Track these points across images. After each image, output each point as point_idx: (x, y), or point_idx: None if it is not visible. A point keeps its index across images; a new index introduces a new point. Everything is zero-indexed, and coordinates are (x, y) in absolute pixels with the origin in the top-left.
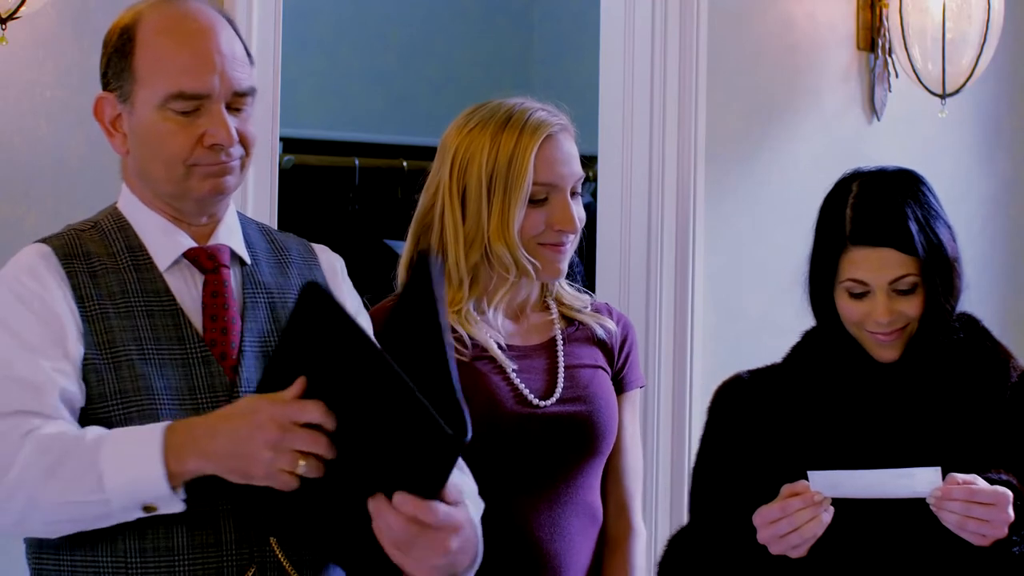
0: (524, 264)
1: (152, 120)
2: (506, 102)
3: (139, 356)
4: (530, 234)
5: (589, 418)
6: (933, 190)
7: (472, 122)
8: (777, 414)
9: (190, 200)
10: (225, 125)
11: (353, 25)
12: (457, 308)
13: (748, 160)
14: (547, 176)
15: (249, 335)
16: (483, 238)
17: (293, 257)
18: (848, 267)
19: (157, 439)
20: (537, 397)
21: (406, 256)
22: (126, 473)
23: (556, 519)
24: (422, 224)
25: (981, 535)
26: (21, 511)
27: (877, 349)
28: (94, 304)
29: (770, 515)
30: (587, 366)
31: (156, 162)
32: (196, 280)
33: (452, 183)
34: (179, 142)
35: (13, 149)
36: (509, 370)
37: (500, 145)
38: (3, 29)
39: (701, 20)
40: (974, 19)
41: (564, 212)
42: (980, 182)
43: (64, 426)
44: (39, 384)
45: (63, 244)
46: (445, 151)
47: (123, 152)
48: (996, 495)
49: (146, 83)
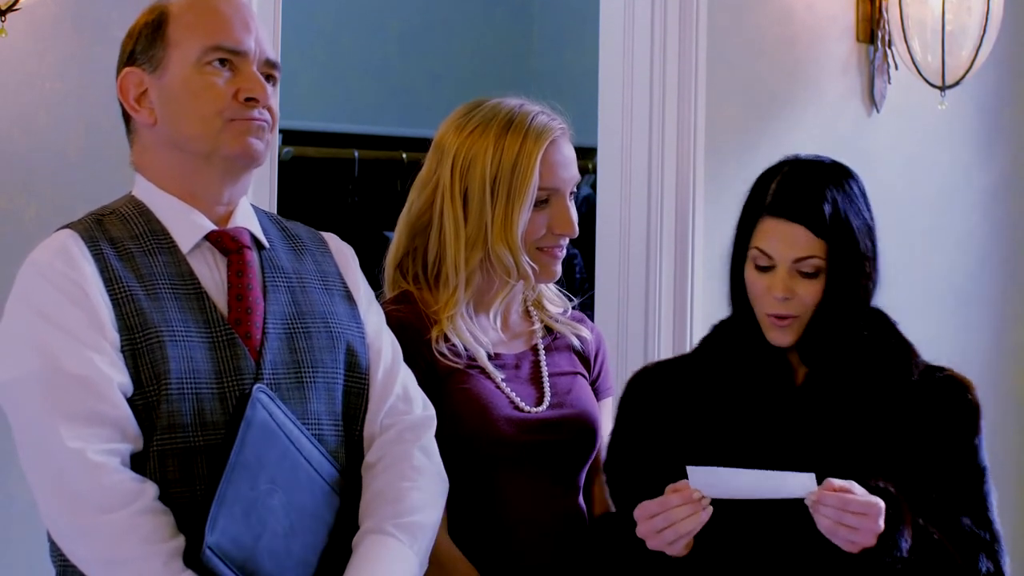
0: (524, 267)
1: (188, 75)
2: (504, 103)
3: (169, 338)
4: (531, 238)
5: (579, 422)
6: (863, 187)
7: (472, 123)
8: (678, 404)
9: (219, 161)
10: (259, 81)
11: (352, 17)
12: (450, 313)
13: (748, 152)
14: (550, 180)
15: (272, 317)
16: (485, 240)
17: (306, 244)
18: (759, 236)
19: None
20: (528, 404)
21: (398, 252)
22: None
23: (555, 521)
24: (417, 223)
25: (851, 542)
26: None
27: (771, 332)
28: (123, 287)
29: (649, 510)
30: (568, 373)
31: (191, 118)
32: (218, 263)
33: (453, 184)
34: (215, 94)
35: (12, 141)
36: (498, 379)
37: (504, 148)
38: (3, 21)
39: (701, 12)
40: (973, 11)
41: (564, 216)
42: (979, 174)
43: None
44: (96, 381)
45: (87, 228)
46: (443, 151)
47: (150, 123)
48: (868, 505)
49: (181, 44)
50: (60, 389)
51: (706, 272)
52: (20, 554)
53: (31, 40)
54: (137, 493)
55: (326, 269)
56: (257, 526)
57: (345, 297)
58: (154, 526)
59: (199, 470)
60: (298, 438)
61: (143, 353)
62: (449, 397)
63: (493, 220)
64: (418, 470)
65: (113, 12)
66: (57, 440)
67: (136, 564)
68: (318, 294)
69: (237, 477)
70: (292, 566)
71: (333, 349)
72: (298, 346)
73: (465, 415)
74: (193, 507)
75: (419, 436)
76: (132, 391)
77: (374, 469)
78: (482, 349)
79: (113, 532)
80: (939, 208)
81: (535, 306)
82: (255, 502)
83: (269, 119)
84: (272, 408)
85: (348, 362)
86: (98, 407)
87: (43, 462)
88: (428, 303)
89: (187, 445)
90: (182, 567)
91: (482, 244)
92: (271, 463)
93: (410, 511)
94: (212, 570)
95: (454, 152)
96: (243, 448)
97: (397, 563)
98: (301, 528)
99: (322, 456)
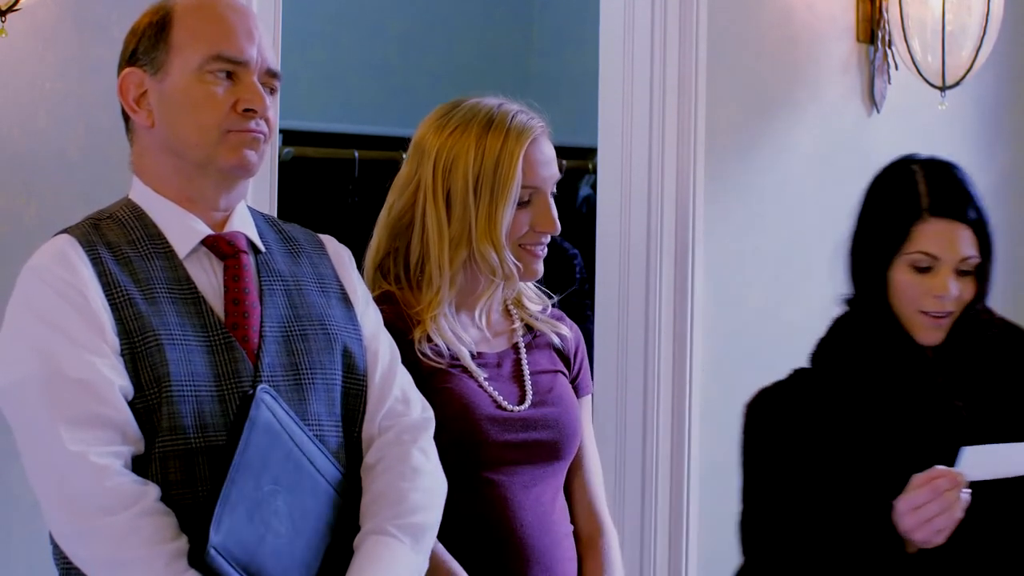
0: (509, 266)
1: (188, 83)
2: (483, 102)
3: (168, 341)
4: (515, 236)
5: (560, 420)
6: None
7: (452, 123)
8: (827, 416)
9: (215, 172)
10: (259, 92)
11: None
12: (434, 313)
13: (748, 151)
14: (532, 179)
15: (268, 320)
16: (470, 239)
17: (303, 246)
18: (921, 239)
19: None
20: (510, 403)
21: (378, 253)
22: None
23: (542, 518)
24: (398, 224)
25: None
26: None
27: (924, 331)
28: (121, 291)
29: (917, 500)
30: (548, 371)
31: (189, 127)
32: (215, 267)
33: (436, 184)
34: (215, 104)
35: (13, 141)
36: (481, 378)
37: (486, 147)
38: (3, 21)
39: (701, 11)
40: (974, 11)
41: (546, 214)
42: (979, 174)
43: None
44: (97, 384)
45: (84, 233)
46: (424, 152)
47: (147, 125)
48: None
49: (183, 50)
50: (61, 393)
51: (706, 272)
52: (21, 555)
53: (31, 40)
54: (139, 495)
55: (323, 271)
56: (261, 527)
57: (342, 299)
58: (156, 527)
59: (201, 471)
60: (301, 439)
61: (142, 356)
62: (432, 397)
63: (477, 219)
64: (417, 471)
65: (113, 12)
66: (59, 444)
67: (139, 565)
68: (315, 296)
69: (241, 477)
70: (295, 567)
71: (331, 351)
72: (295, 348)
73: (448, 415)
74: (195, 508)
75: (417, 437)
76: (133, 394)
77: (373, 471)
78: (465, 348)
79: (115, 534)
80: None
81: (515, 304)
82: (259, 503)
83: (266, 130)
84: (276, 409)
85: (346, 364)
86: (99, 410)
87: (45, 465)
88: (410, 303)
89: (189, 447)
90: (184, 568)
91: (466, 243)
92: (275, 464)
93: (411, 512)
94: (217, 570)
95: (435, 152)
96: (247, 448)
97: (399, 564)
98: (304, 529)
99: (324, 457)
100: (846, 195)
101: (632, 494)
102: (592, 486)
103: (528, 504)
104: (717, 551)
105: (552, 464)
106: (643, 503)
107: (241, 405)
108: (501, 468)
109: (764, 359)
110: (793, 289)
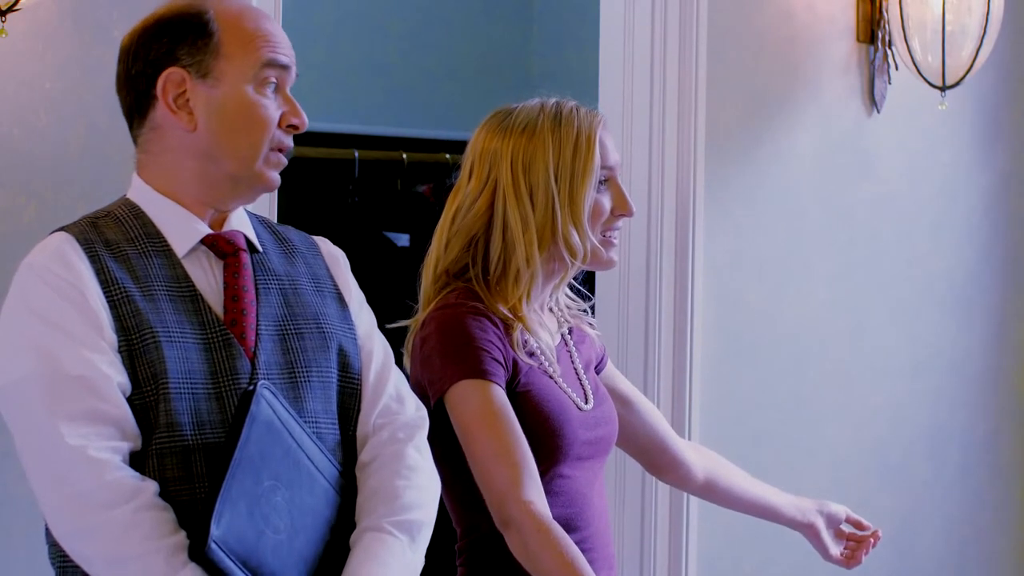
0: (593, 244)
1: (244, 95)
2: (541, 101)
3: (166, 339)
4: (597, 220)
5: (611, 415)
6: None
7: (517, 125)
8: None
9: (246, 185)
10: (300, 109)
11: (352, 17)
12: (524, 312)
13: (748, 152)
14: (607, 160)
15: (264, 319)
16: (555, 226)
17: (297, 247)
18: None
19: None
20: (581, 401)
21: (449, 257)
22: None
23: (601, 511)
24: (471, 233)
25: None
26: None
27: None
28: (119, 288)
29: None
30: (588, 366)
31: (241, 141)
32: (213, 266)
33: (517, 183)
34: (268, 119)
35: (13, 140)
36: (557, 376)
37: (562, 138)
38: (3, 21)
39: (701, 12)
40: (974, 11)
41: (622, 196)
42: (979, 174)
43: None
44: (96, 381)
45: (82, 231)
46: (496, 156)
47: (187, 129)
48: None
49: (235, 58)
50: (60, 389)
51: (706, 272)
52: (21, 555)
53: (31, 40)
54: (138, 490)
55: (318, 272)
56: (260, 522)
57: (337, 299)
58: (156, 522)
59: (197, 468)
60: (300, 436)
61: (140, 354)
62: (522, 392)
63: (560, 204)
64: (413, 469)
65: (113, 12)
66: (58, 439)
67: (138, 560)
68: (310, 296)
69: (241, 473)
70: (293, 563)
71: (326, 349)
72: (291, 347)
73: (544, 415)
74: (193, 505)
75: (412, 435)
76: (131, 391)
77: (368, 468)
78: (545, 345)
79: (115, 529)
80: (939, 208)
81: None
82: (259, 498)
83: (292, 145)
84: (275, 405)
85: (341, 362)
86: (98, 406)
87: (44, 462)
88: (492, 304)
89: (185, 444)
90: (184, 562)
91: (551, 231)
92: (274, 460)
93: (406, 509)
94: (217, 564)
95: (510, 153)
96: (247, 444)
97: (395, 560)
98: (303, 525)
99: (323, 454)
100: (846, 195)
101: (632, 494)
102: (664, 425)
103: (593, 498)
104: (717, 551)
105: (605, 457)
106: (643, 503)
107: (242, 401)
108: (576, 464)
109: (764, 359)
110: (793, 289)
